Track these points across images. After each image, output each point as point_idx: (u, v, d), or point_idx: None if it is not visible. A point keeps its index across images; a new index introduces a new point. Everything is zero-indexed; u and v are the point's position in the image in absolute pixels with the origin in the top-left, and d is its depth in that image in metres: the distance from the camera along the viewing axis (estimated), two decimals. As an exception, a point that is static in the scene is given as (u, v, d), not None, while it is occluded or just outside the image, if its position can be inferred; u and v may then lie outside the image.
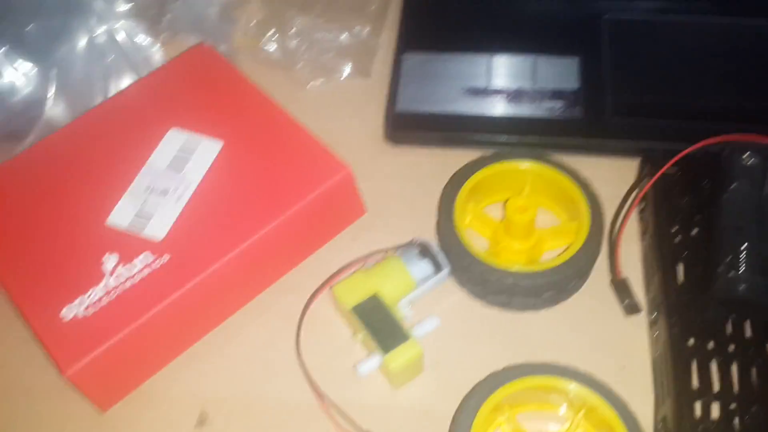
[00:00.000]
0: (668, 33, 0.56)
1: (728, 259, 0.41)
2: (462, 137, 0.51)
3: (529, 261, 0.47)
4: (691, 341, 0.40)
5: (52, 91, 0.53)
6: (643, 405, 0.41)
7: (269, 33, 0.58)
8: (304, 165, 0.46)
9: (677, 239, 0.44)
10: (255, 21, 0.59)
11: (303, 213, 0.45)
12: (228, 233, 0.44)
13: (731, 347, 0.40)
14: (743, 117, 0.50)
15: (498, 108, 0.52)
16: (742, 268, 0.41)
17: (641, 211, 0.49)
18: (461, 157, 0.49)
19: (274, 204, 0.45)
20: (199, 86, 0.51)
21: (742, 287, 0.41)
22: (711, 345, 0.40)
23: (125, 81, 0.54)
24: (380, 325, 0.42)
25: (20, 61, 0.52)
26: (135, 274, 0.42)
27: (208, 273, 0.43)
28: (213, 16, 0.58)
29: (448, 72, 0.54)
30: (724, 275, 0.41)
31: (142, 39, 0.55)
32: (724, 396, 0.39)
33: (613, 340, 0.45)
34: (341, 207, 0.48)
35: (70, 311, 0.41)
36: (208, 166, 0.47)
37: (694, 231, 0.44)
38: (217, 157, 0.47)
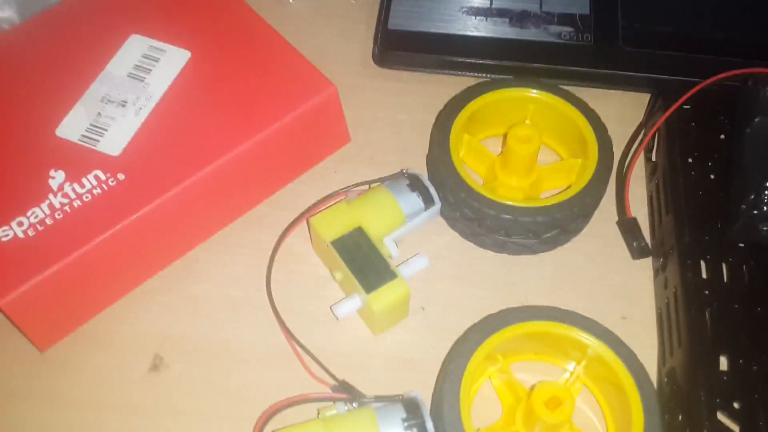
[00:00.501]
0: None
1: (750, 198, 0.37)
2: (459, 61, 0.47)
3: (526, 200, 0.42)
4: (706, 288, 0.37)
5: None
6: (646, 358, 0.37)
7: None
8: (283, 80, 0.41)
9: (691, 179, 0.40)
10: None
11: (280, 134, 0.40)
12: (193, 153, 0.39)
13: (749, 295, 0.37)
14: (765, 49, 0.46)
15: (500, 30, 0.47)
16: (766, 208, 0.37)
17: (647, 152, 0.45)
18: (456, 85, 0.45)
19: (247, 123, 0.40)
20: (166, -11, 0.46)
21: (765, 228, 0.37)
22: (727, 293, 0.37)
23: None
24: (364, 261, 0.38)
25: (-38, -45, 0.46)
26: (84, 194, 0.37)
27: (168, 196, 0.38)
28: None
29: (447, -12, 0.49)
30: (745, 215, 0.37)
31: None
32: (739, 347, 0.35)
33: (614, 288, 0.41)
34: (324, 131, 0.43)
35: (8, 232, 0.36)
36: (174, 77, 0.41)
37: (710, 170, 0.41)
38: (184, 67, 0.42)
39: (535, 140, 0.41)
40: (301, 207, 0.42)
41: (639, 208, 0.43)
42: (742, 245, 0.38)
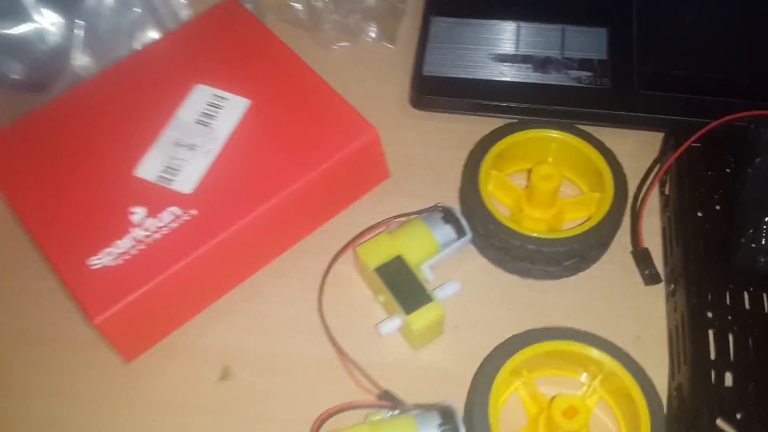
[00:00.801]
0: (698, 4, 0.56)
1: (750, 232, 0.41)
2: (488, 104, 0.51)
3: (549, 230, 0.47)
4: (710, 312, 0.41)
5: (78, 43, 0.53)
6: (657, 375, 0.41)
7: (296, -8, 0.57)
8: (331, 125, 0.46)
9: (699, 212, 0.44)
10: (282, -21, 0.58)
11: (329, 173, 0.45)
12: (255, 190, 0.44)
13: (749, 320, 0.41)
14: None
15: (525, 75, 0.52)
16: (764, 241, 0.41)
17: (662, 186, 0.49)
18: (485, 124, 0.49)
19: (301, 163, 0.45)
20: (226, 42, 0.51)
21: (762, 260, 0.41)
22: (729, 317, 0.41)
23: (152, 35, 0.54)
24: (403, 286, 0.43)
25: (47, 10, 0.52)
26: (164, 226, 0.42)
27: (235, 228, 0.43)
28: (240, -27, 0.57)
29: (476, 38, 0.54)
30: (745, 248, 0.41)
31: (170, -8, 0.55)
32: (739, 366, 0.39)
33: (630, 310, 0.45)
34: (366, 168, 0.48)
35: (99, 260, 0.41)
36: (236, 122, 0.47)
37: (717, 205, 0.45)
38: (244, 114, 0.47)
39: (556, 177, 0.45)
40: (347, 236, 0.47)
41: (654, 238, 0.47)
42: (743, 274, 0.42)
